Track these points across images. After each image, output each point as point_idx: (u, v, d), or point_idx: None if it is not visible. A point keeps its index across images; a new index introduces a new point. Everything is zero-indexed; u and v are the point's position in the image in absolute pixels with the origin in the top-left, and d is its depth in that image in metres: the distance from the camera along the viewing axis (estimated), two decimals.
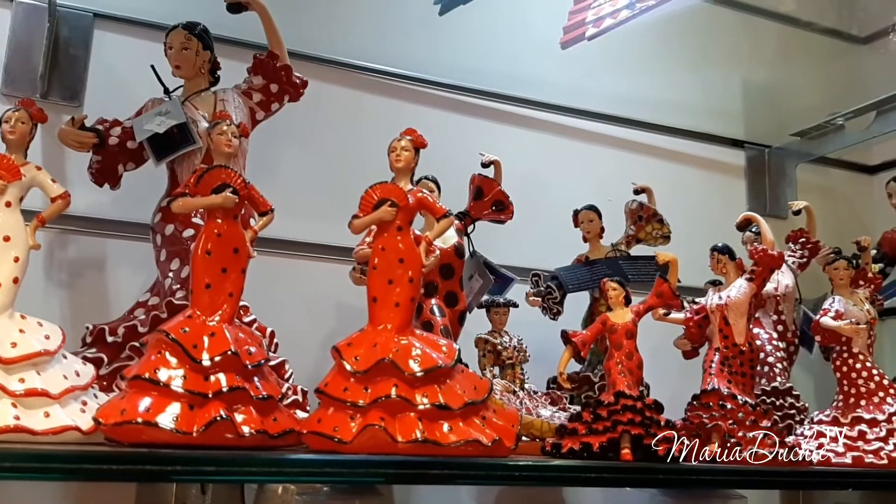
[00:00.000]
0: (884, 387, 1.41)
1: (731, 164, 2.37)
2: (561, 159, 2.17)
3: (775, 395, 1.76)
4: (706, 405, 1.29)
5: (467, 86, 2.06)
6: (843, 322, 1.41)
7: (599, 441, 1.17)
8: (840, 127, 2.21)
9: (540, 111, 2.16)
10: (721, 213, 2.10)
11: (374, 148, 1.47)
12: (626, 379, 1.22)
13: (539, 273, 1.84)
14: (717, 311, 1.37)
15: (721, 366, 1.33)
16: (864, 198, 2.47)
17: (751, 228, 1.93)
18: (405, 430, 1.06)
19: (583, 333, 1.31)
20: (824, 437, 1.38)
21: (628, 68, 2.27)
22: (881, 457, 1.33)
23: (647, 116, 2.27)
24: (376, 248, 1.16)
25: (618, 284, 1.31)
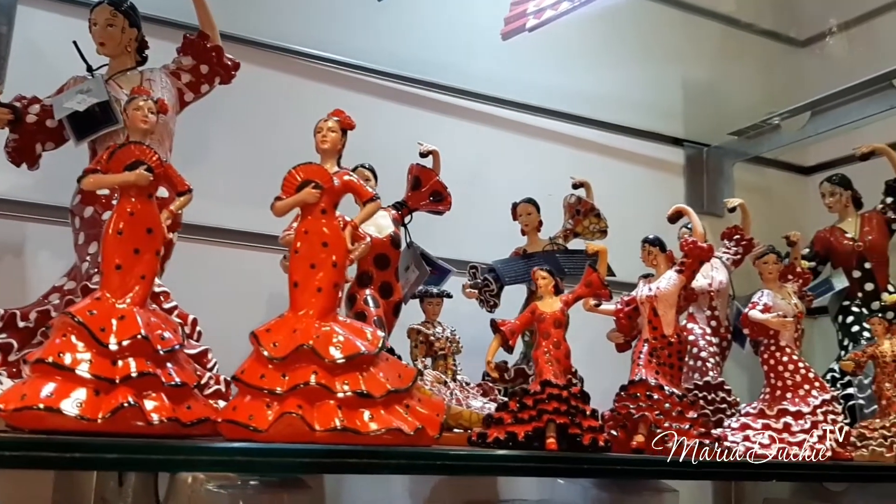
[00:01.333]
0: (809, 380, 1.42)
1: (671, 162, 2.39)
2: (502, 152, 2.16)
3: (707, 390, 1.78)
4: (633, 396, 1.29)
5: (408, 75, 2.03)
6: (771, 315, 1.42)
7: (525, 430, 1.16)
8: (776, 127, 2.24)
9: (482, 103, 2.15)
10: (660, 210, 2.10)
11: (311, 135, 1.43)
12: (553, 368, 1.21)
13: (476, 265, 1.83)
14: (647, 302, 1.37)
15: (649, 357, 1.33)
16: (799, 198, 2.52)
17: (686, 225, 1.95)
18: (324, 419, 1.03)
19: (511, 322, 1.29)
20: (750, 428, 1.39)
21: (571, 64, 2.27)
22: (804, 448, 1.34)
23: (588, 112, 2.28)
24: (299, 231, 1.12)
25: (547, 273, 1.30)
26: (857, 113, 2.04)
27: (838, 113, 2.08)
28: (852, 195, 2.17)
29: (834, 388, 1.96)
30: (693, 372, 1.84)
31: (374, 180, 1.68)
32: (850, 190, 2.17)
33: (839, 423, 1.38)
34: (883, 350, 1.52)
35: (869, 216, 2.13)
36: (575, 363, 1.67)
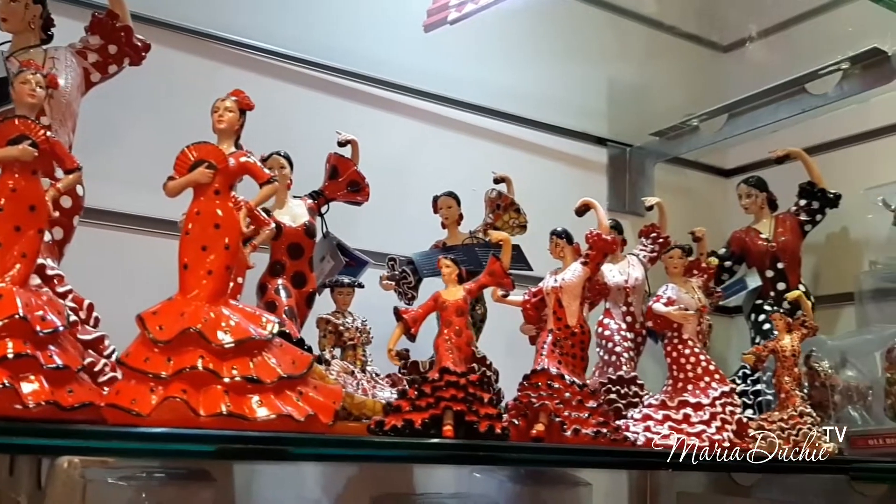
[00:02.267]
0: (710, 372, 1.45)
1: (594, 161, 2.42)
2: (426, 145, 2.16)
3: (620, 384, 1.80)
4: (535, 385, 1.30)
5: (331, 64, 2.01)
6: (673, 308, 1.45)
7: (422, 417, 1.15)
8: (695, 128, 2.29)
9: (407, 96, 2.14)
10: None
11: None
12: (453, 356, 1.21)
13: (395, 257, 1.82)
14: (553, 293, 1.38)
15: (552, 347, 1.34)
16: (719, 199, 2.58)
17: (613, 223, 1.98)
18: (209, 404, 1.01)
19: (414, 310, 1.29)
20: (651, 419, 1.41)
21: (498, 60, 2.28)
22: (703, 439, 1.37)
23: (514, 109, 2.29)
24: (191, 212, 1.10)
25: (451, 262, 1.30)
26: (771, 116, 2.09)
27: (753, 116, 2.14)
28: (768, 197, 2.23)
29: (745, 383, 2.01)
30: (608, 366, 1.86)
31: (289, 168, 1.66)
32: (765, 192, 2.23)
33: (737, 414, 1.42)
34: (783, 345, 1.56)
35: (783, 218, 2.19)
36: (495, 356, 1.69)
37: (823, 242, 2.31)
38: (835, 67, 1.92)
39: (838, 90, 1.95)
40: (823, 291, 2.29)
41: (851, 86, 1.93)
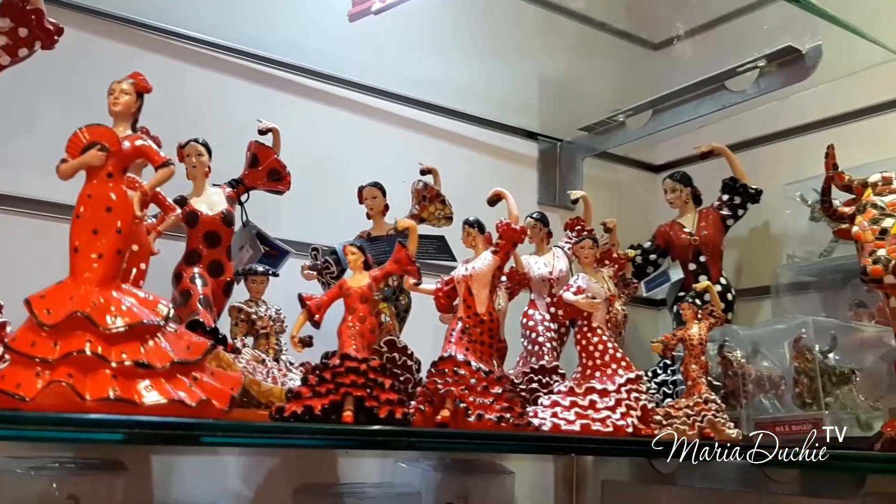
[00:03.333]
0: (616, 359, 1.48)
1: (525, 155, 2.44)
2: (355, 136, 2.16)
3: (542, 373, 1.82)
4: (442, 371, 1.31)
5: (254, 52, 2.00)
6: (581, 297, 1.47)
7: (322, 404, 1.15)
8: (622, 124, 2.33)
9: (336, 86, 2.14)
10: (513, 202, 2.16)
11: (145, 109, 1.37)
12: (355, 342, 1.21)
13: (318, 247, 1.82)
14: (463, 281, 1.40)
15: (461, 334, 1.35)
16: (648, 194, 2.63)
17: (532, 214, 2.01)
18: (96, 388, 0.99)
19: (319, 297, 1.29)
20: (559, 406, 1.43)
21: (429, 52, 2.29)
22: (607, 424, 1.40)
23: (445, 101, 2.30)
24: (83, 195, 1.08)
25: (357, 249, 1.30)
26: (693, 112, 2.14)
27: (677, 112, 2.18)
28: (692, 192, 2.28)
29: (665, 373, 2.06)
30: (531, 356, 1.89)
31: (207, 156, 1.64)
32: (689, 187, 2.28)
33: (642, 401, 1.45)
34: (691, 334, 1.60)
35: (706, 212, 2.25)
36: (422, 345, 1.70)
37: (746, 237, 2.37)
38: (752, 65, 1.97)
39: (756, 87, 2.01)
40: (745, 285, 2.36)
41: (768, 83, 1.98)
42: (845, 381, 1.79)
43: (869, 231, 1.45)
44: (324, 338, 1.50)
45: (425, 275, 1.62)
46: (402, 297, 1.83)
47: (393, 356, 1.67)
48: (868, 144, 2.10)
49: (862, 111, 2.20)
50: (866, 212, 1.48)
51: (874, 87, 2.15)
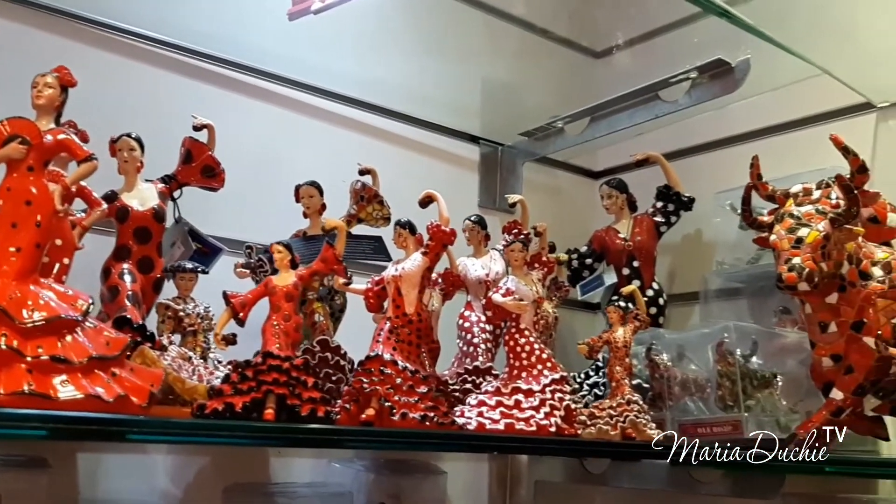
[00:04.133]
0: (542, 360, 1.51)
1: (466, 159, 2.47)
2: (294, 135, 2.16)
3: (476, 374, 1.85)
4: (368, 371, 1.32)
5: (192, 47, 1.98)
6: (509, 299, 1.50)
7: (243, 401, 1.16)
8: (560, 130, 2.37)
9: (275, 84, 2.13)
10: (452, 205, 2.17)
11: (79, 102, 1.36)
12: (279, 340, 1.22)
13: (252, 245, 1.81)
14: (393, 281, 1.41)
15: (389, 334, 1.37)
16: (587, 200, 2.68)
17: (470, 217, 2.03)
18: (11, 382, 0.98)
19: (243, 295, 1.29)
20: (485, 405, 1.46)
21: (373, 53, 2.30)
22: (531, 424, 1.42)
23: (388, 103, 2.31)
24: (2, 188, 1.07)
25: (283, 247, 1.31)
26: (628, 120, 2.19)
27: (613, 120, 2.23)
28: (627, 198, 2.34)
29: (597, 375, 2.10)
30: (466, 357, 1.91)
31: (140, 151, 1.63)
32: (625, 193, 2.34)
33: (566, 401, 1.48)
34: (616, 336, 1.64)
35: (640, 218, 2.30)
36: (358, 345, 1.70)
37: (679, 243, 2.43)
38: (684, 76, 2.03)
39: (688, 98, 2.06)
40: (677, 290, 2.42)
41: (699, 94, 2.04)
42: (766, 385, 1.85)
43: (786, 240, 1.51)
44: (257, 337, 1.50)
45: (363, 275, 1.63)
46: (337, 297, 1.83)
47: (326, 356, 1.68)
48: (795, 156, 2.18)
49: (790, 124, 2.28)
50: (784, 221, 1.53)
51: (802, 101, 2.23)
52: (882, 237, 1.68)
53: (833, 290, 1.52)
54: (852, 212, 1.49)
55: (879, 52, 1.97)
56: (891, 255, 1.55)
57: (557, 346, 1.99)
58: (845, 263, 1.52)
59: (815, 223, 1.50)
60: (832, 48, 1.96)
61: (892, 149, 2.10)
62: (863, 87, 2.07)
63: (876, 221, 1.70)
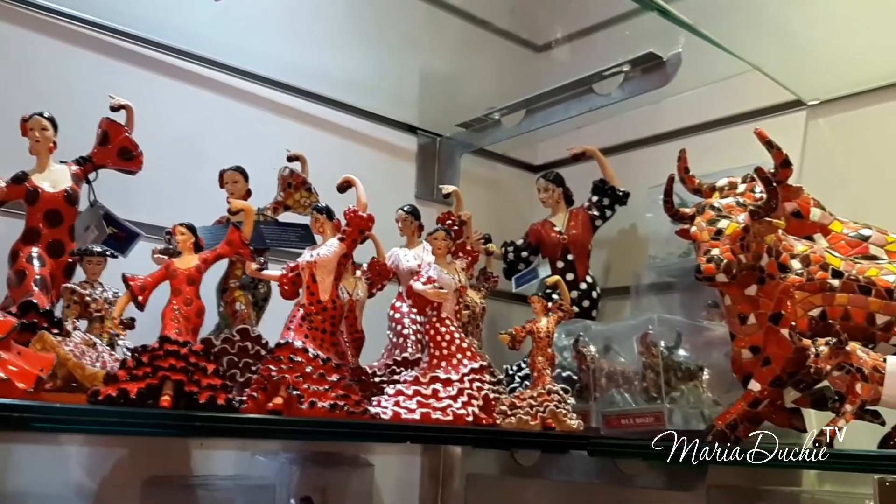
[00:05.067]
0: (462, 349, 1.50)
1: (404, 149, 2.45)
2: (225, 120, 2.11)
3: (405, 365, 1.82)
4: (277, 358, 1.29)
5: (114, 26, 1.92)
6: (429, 287, 1.48)
7: (138, 387, 1.11)
8: (497, 122, 2.36)
9: (206, 67, 2.08)
10: (389, 195, 2.15)
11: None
12: (178, 325, 1.18)
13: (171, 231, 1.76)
14: (307, 268, 1.38)
15: (301, 321, 1.33)
16: (527, 193, 2.66)
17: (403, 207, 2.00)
18: None
19: (143, 278, 1.24)
20: (403, 395, 1.43)
21: (309, 40, 2.25)
22: (447, 413, 1.41)
23: (323, 90, 2.28)
24: None
25: (186, 229, 1.27)
26: (563, 113, 2.19)
27: (548, 112, 2.23)
28: (564, 192, 2.34)
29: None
30: (395, 348, 1.89)
31: (52, 130, 1.57)
32: (561, 187, 2.34)
33: (484, 390, 1.46)
34: (539, 327, 1.63)
35: (576, 212, 2.30)
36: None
37: (615, 237, 2.44)
38: (617, 70, 2.03)
39: (620, 91, 2.07)
40: (612, 284, 2.43)
41: (632, 87, 2.04)
42: (691, 377, 1.86)
43: (706, 231, 1.51)
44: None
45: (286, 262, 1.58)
46: (260, 286, 1.79)
47: (245, 345, 1.64)
48: (729, 152, 2.19)
49: (724, 120, 2.29)
50: (705, 213, 1.54)
51: (736, 98, 2.25)
52: (805, 231, 1.70)
53: (752, 282, 1.53)
54: (771, 204, 1.50)
55: (811, 50, 2.00)
56: (810, 248, 1.56)
57: (489, 336, 1.97)
58: (765, 256, 1.53)
59: (735, 215, 1.51)
60: (765, 46, 1.98)
61: (821, 145, 2.13)
62: (794, 85, 2.10)
63: (799, 216, 1.72)
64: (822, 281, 1.51)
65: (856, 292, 1.50)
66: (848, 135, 2.07)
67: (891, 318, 1.48)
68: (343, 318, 1.41)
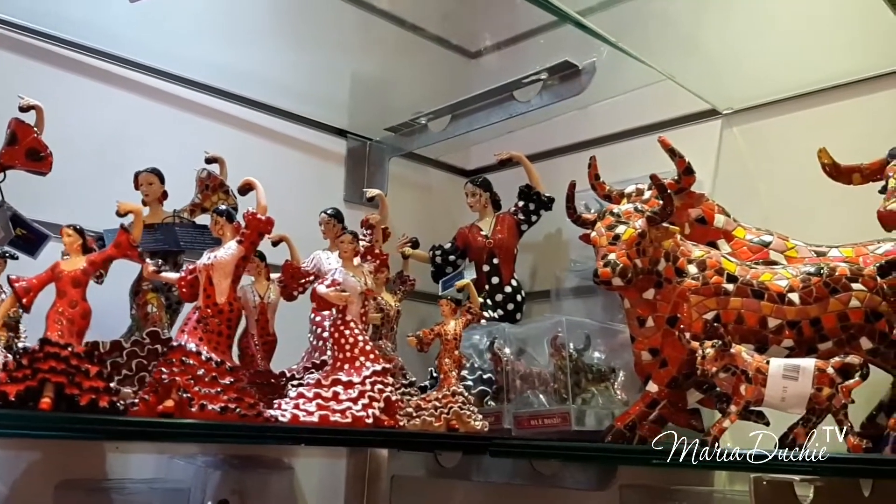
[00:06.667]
0: (365, 352, 1.51)
1: (333, 152, 2.46)
2: (148, 122, 2.10)
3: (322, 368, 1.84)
4: (169, 361, 1.29)
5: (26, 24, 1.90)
6: (332, 290, 1.49)
7: (17, 389, 1.11)
8: (424, 126, 2.39)
9: (128, 69, 2.08)
10: (317, 199, 2.17)
11: None
12: (62, 327, 1.18)
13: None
14: (204, 270, 1.39)
15: (197, 324, 1.34)
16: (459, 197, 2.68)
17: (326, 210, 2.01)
18: None
19: (28, 280, 1.24)
20: (303, 398, 1.44)
21: (235, 42, 2.25)
22: (346, 415, 1.42)
23: (250, 92, 2.28)
24: None
25: (74, 231, 1.27)
26: (486, 119, 2.22)
27: (472, 118, 2.26)
28: (491, 197, 2.38)
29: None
30: (315, 351, 1.90)
31: None
32: (489, 192, 2.37)
33: (386, 392, 1.48)
34: (447, 329, 1.65)
35: (502, 217, 2.34)
36: None
37: (541, 241, 2.47)
38: (535, 77, 2.07)
39: (539, 98, 2.10)
40: (538, 287, 2.47)
41: (550, 95, 2.08)
42: (603, 379, 1.90)
43: (604, 237, 1.55)
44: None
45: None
46: (174, 288, 1.79)
47: (156, 348, 1.64)
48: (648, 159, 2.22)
49: (646, 128, 2.34)
50: (605, 218, 1.58)
51: (657, 106, 2.30)
52: (709, 237, 1.75)
53: (650, 285, 1.57)
54: (667, 211, 1.54)
55: (724, 61, 2.05)
56: (707, 253, 1.60)
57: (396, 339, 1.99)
58: (662, 260, 1.57)
59: (632, 221, 1.55)
60: (680, 57, 2.04)
61: (735, 153, 2.19)
62: (708, 95, 2.16)
63: (704, 222, 1.77)
64: (717, 285, 1.55)
65: (749, 296, 1.54)
66: (760, 143, 2.14)
67: (782, 321, 1.52)
68: (239, 322, 1.41)
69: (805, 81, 2.02)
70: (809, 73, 2.00)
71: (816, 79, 2.00)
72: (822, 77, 1.99)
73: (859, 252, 1.64)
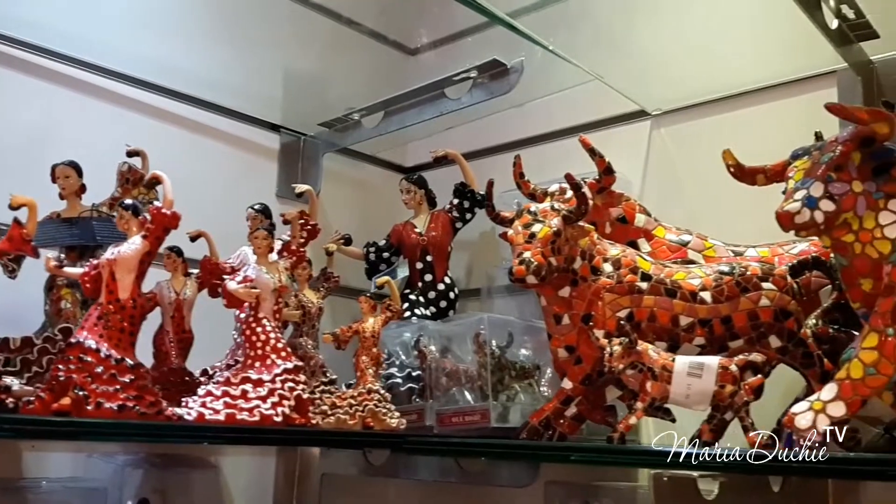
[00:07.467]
0: (277, 350, 1.50)
1: (266, 147, 2.43)
2: (71, 115, 2.06)
3: None
4: (67, 358, 1.27)
5: None
6: (241, 286, 1.48)
7: None
8: (358, 122, 2.37)
9: (53, 60, 2.03)
10: (249, 194, 2.13)
11: None
12: None
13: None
14: (107, 265, 1.36)
15: (98, 320, 1.32)
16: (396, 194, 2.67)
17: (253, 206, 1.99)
18: None
19: None
20: (211, 395, 1.43)
21: (164, 35, 2.21)
22: (254, 414, 1.41)
23: (179, 86, 2.24)
24: None
25: None
26: (417, 116, 2.22)
27: (404, 115, 2.25)
28: (426, 194, 2.37)
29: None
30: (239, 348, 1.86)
31: None
32: (424, 189, 2.37)
33: (297, 391, 1.47)
34: (365, 326, 1.65)
35: (437, 214, 2.34)
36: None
37: (476, 239, 2.48)
38: (465, 75, 2.07)
39: (469, 96, 2.11)
40: (473, 285, 2.47)
41: (480, 93, 2.08)
42: (526, 376, 1.91)
43: (521, 235, 1.56)
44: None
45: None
46: None
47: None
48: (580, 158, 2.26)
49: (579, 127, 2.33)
50: (522, 217, 1.58)
51: (591, 106, 2.31)
52: (629, 236, 1.77)
53: (566, 283, 1.58)
54: (582, 209, 1.55)
55: (652, 63, 2.07)
56: (622, 252, 1.62)
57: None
58: (578, 259, 1.58)
59: (548, 219, 1.56)
60: (610, 58, 2.05)
61: (663, 154, 2.22)
62: (637, 96, 2.18)
63: (624, 221, 1.78)
64: (630, 283, 1.57)
65: (662, 294, 1.55)
66: (686, 144, 2.16)
67: (694, 319, 1.54)
68: (143, 318, 1.39)
69: (729, 84, 2.05)
70: (733, 76, 2.04)
71: (740, 82, 2.03)
72: (745, 80, 2.02)
73: (775, 252, 1.67)
